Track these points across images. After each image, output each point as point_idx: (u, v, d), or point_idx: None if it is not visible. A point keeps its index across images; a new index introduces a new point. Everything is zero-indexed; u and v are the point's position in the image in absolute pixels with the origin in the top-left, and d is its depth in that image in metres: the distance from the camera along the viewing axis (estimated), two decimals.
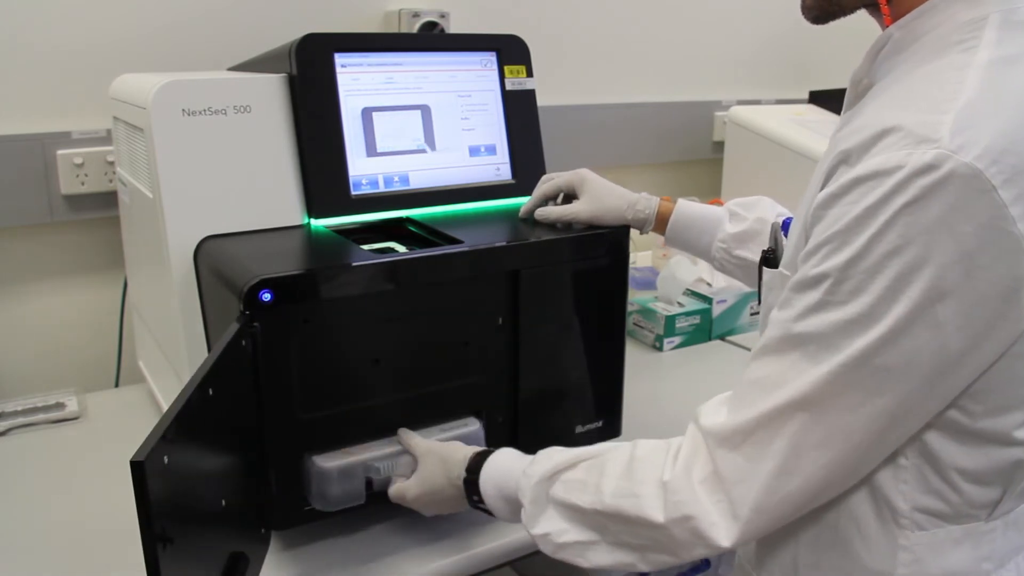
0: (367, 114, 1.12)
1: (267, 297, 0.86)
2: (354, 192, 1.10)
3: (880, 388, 0.65)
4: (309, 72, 1.07)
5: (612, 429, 1.15)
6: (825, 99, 2.05)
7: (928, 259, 0.61)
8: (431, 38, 1.50)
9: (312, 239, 1.05)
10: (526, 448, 0.87)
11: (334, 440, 0.95)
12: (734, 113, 2.00)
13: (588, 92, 1.95)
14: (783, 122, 1.91)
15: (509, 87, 1.23)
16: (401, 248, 1.08)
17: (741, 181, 2.00)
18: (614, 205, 1.11)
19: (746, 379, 0.72)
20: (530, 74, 1.25)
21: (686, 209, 1.13)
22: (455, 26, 1.66)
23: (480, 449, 0.91)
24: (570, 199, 1.14)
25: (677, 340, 1.59)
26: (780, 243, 0.86)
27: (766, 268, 0.84)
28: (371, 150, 1.12)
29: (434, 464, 0.91)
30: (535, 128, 1.25)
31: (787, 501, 0.69)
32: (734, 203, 1.12)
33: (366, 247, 1.03)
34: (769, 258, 0.85)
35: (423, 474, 0.92)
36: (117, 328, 1.46)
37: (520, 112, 1.24)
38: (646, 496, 0.72)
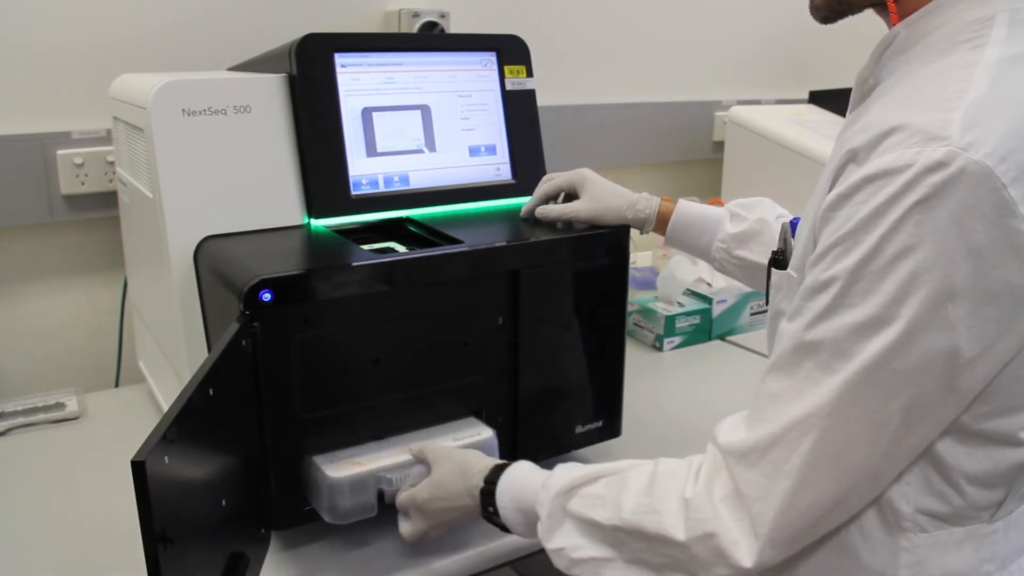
0: (367, 114, 1.12)
1: (267, 297, 0.86)
2: (354, 192, 1.10)
3: (895, 393, 0.64)
4: (309, 72, 1.07)
5: (612, 429, 1.15)
6: (825, 99, 2.05)
7: (939, 257, 0.61)
8: (431, 38, 1.50)
9: (312, 239, 1.05)
10: (526, 447, 0.87)
11: (334, 440, 0.95)
12: (734, 113, 2.00)
13: (588, 92, 1.95)
14: (783, 122, 1.91)
15: (509, 87, 1.23)
16: (401, 248, 1.08)
17: (741, 181, 2.00)
18: (614, 204, 1.11)
19: (761, 394, 0.70)
20: (530, 74, 1.25)
21: (686, 209, 1.13)
22: (455, 26, 1.66)
23: (500, 461, 0.88)
24: (571, 199, 1.14)
25: (677, 340, 1.59)
26: (789, 244, 0.85)
27: (775, 269, 0.83)
28: (371, 150, 1.12)
29: (451, 470, 0.89)
30: (535, 128, 1.25)
31: (806, 516, 0.67)
32: (734, 204, 1.12)
33: (366, 247, 1.03)
34: (778, 259, 0.84)
35: (437, 478, 0.90)
36: (117, 328, 1.46)
37: (520, 112, 1.24)
38: (667, 513, 0.71)
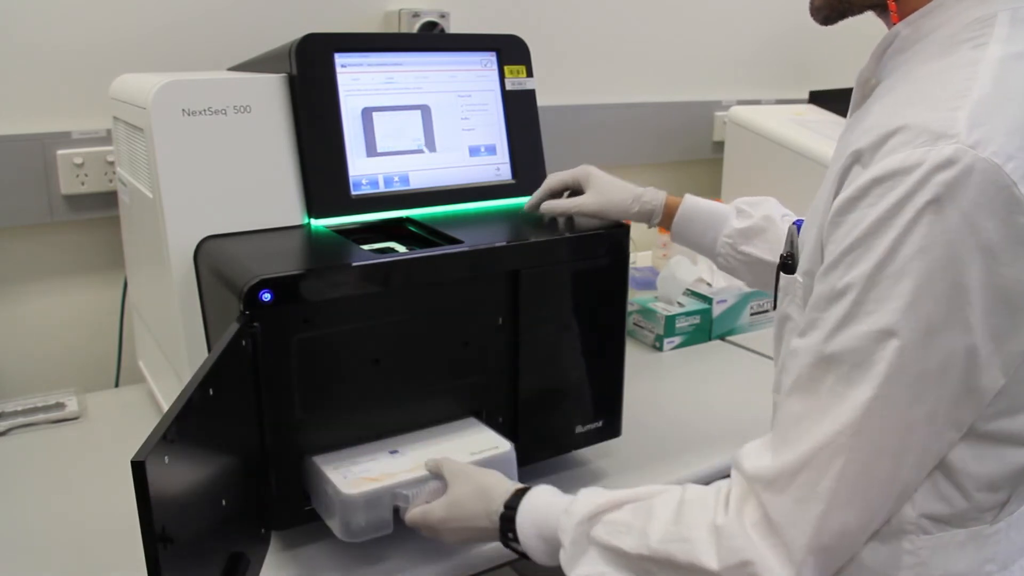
0: (367, 114, 1.12)
1: (267, 297, 0.86)
2: (354, 192, 1.10)
3: (919, 398, 0.63)
4: (309, 72, 1.07)
5: (612, 429, 1.15)
6: (825, 99, 2.06)
7: (953, 257, 0.60)
8: (431, 38, 1.50)
9: (312, 239, 1.05)
10: (526, 447, 0.87)
11: (334, 440, 0.95)
12: (734, 113, 2.00)
13: (588, 92, 1.95)
14: (783, 122, 1.91)
15: (509, 87, 1.23)
16: (401, 248, 1.08)
17: (741, 181, 2.00)
18: (620, 198, 1.12)
19: (784, 415, 0.69)
20: (530, 74, 1.25)
21: (693, 204, 1.14)
22: (455, 26, 1.66)
23: (520, 485, 0.87)
24: (575, 196, 1.14)
25: (677, 340, 1.59)
26: (796, 248, 0.84)
27: (783, 274, 0.83)
28: (371, 150, 1.12)
29: (471, 492, 0.87)
30: (535, 128, 1.25)
31: (842, 536, 0.66)
32: (741, 201, 1.12)
33: (366, 247, 1.03)
34: (787, 263, 0.83)
35: (454, 498, 0.87)
36: (117, 328, 1.46)
37: (520, 112, 1.24)
38: (698, 541, 0.68)
